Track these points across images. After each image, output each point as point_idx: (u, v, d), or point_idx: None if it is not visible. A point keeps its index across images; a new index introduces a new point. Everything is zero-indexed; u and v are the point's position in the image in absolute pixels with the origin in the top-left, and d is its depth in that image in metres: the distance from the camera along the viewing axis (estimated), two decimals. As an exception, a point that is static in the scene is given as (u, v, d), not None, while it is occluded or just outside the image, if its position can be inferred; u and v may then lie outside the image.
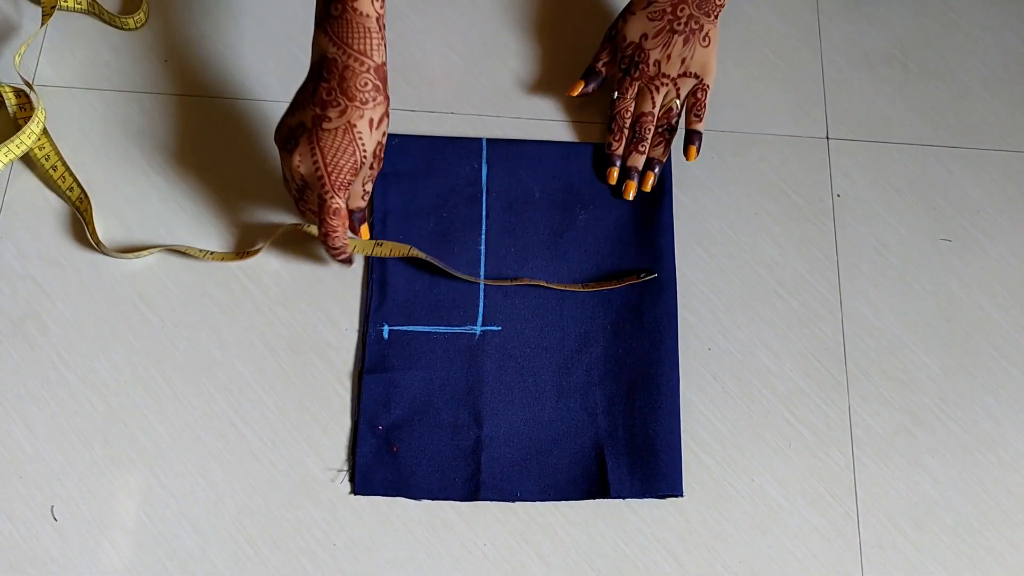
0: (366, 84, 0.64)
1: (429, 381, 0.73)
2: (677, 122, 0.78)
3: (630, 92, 0.78)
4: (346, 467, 0.71)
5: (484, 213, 0.78)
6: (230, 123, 0.80)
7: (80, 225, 0.76)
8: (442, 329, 0.74)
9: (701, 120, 0.77)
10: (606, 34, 0.81)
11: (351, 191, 0.69)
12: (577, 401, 0.73)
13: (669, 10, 0.76)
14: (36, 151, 0.77)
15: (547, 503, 0.70)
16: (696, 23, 0.76)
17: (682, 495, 0.70)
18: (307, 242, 0.77)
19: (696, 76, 0.77)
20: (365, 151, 0.65)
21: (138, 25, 0.82)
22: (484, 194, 0.78)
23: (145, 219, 0.77)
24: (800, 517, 0.70)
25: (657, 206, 0.78)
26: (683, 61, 0.77)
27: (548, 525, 0.70)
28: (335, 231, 0.67)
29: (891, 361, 0.75)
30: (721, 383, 0.74)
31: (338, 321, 0.74)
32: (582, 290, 0.75)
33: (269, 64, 0.82)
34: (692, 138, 0.78)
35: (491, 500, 0.70)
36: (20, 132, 0.75)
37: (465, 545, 0.69)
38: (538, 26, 0.85)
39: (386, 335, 0.74)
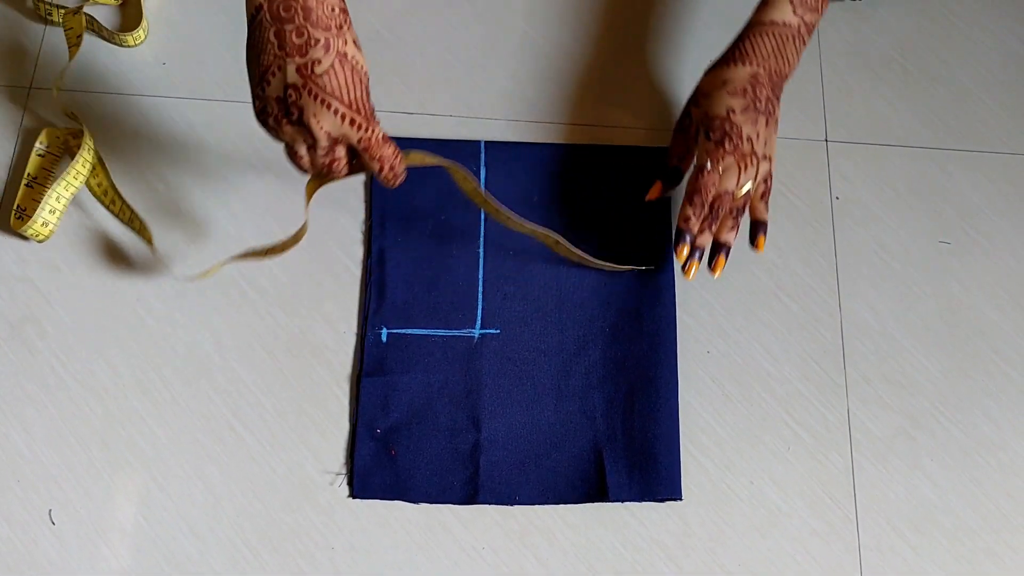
0: (333, 9, 0.58)
1: (427, 384, 0.73)
2: (752, 207, 0.72)
3: (721, 166, 0.69)
4: (344, 470, 0.71)
5: (483, 216, 0.77)
6: (230, 125, 0.80)
7: (78, 228, 0.76)
8: (441, 332, 0.74)
9: (767, 208, 0.72)
10: (676, 127, 0.75)
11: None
12: (576, 404, 0.73)
13: (749, 89, 0.70)
14: (94, 186, 0.76)
15: (546, 506, 0.70)
16: (772, 105, 0.71)
17: (681, 499, 0.70)
18: (307, 245, 0.77)
19: (769, 159, 0.71)
20: (365, 70, 0.60)
21: (137, 43, 0.82)
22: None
23: (144, 221, 0.77)
24: (799, 520, 0.70)
25: (656, 208, 0.78)
26: (766, 143, 0.70)
27: (547, 528, 0.70)
28: (392, 157, 0.62)
29: (890, 364, 0.75)
30: (720, 386, 0.74)
31: (336, 324, 0.74)
32: (587, 263, 0.74)
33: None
34: (760, 229, 0.72)
35: (489, 503, 0.70)
36: (74, 163, 0.74)
37: (463, 548, 0.69)
38: (537, 29, 0.85)
39: (384, 338, 0.74)
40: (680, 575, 0.69)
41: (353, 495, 0.70)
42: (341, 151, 0.62)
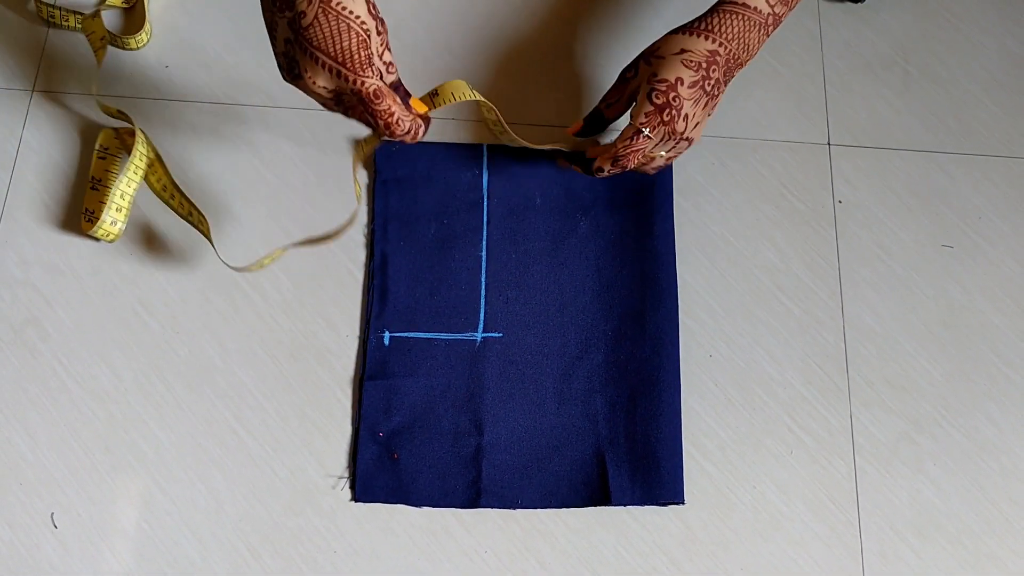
0: None
1: (430, 388, 0.73)
2: (645, 167, 0.73)
3: (655, 133, 0.69)
4: (347, 474, 0.70)
5: (485, 219, 0.77)
6: (231, 128, 0.80)
7: (79, 230, 0.76)
8: (443, 336, 0.74)
9: (648, 165, 0.72)
10: (620, 75, 0.73)
11: (374, 68, 0.61)
12: (578, 408, 0.73)
13: (704, 65, 0.68)
14: (153, 182, 0.76)
15: (548, 510, 0.70)
16: (718, 88, 0.70)
17: (683, 503, 0.70)
18: (309, 249, 0.77)
19: (690, 140, 0.71)
20: (360, 18, 0.58)
21: (140, 46, 0.82)
22: (485, 200, 0.78)
23: (147, 226, 0.77)
24: (802, 524, 0.70)
25: (658, 212, 0.78)
26: (697, 125, 0.70)
27: (549, 532, 0.70)
28: (391, 115, 0.60)
29: (893, 368, 0.75)
30: (722, 390, 0.74)
31: (339, 327, 0.74)
32: (516, 142, 0.74)
33: (270, 69, 0.82)
34: (623, 166, 0.70)
35: (492, 507, 0.70)
36: (131, 159, 0.75)
37: (466, 552, 0.69)
38: (537, 31, 0.85)
39: (387, 341, 0.74)
40: (683, 579, 0.69)
41: (355, 499, 0.70)
42: (353, 100, 0.61)
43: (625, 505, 0.70)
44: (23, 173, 0.78)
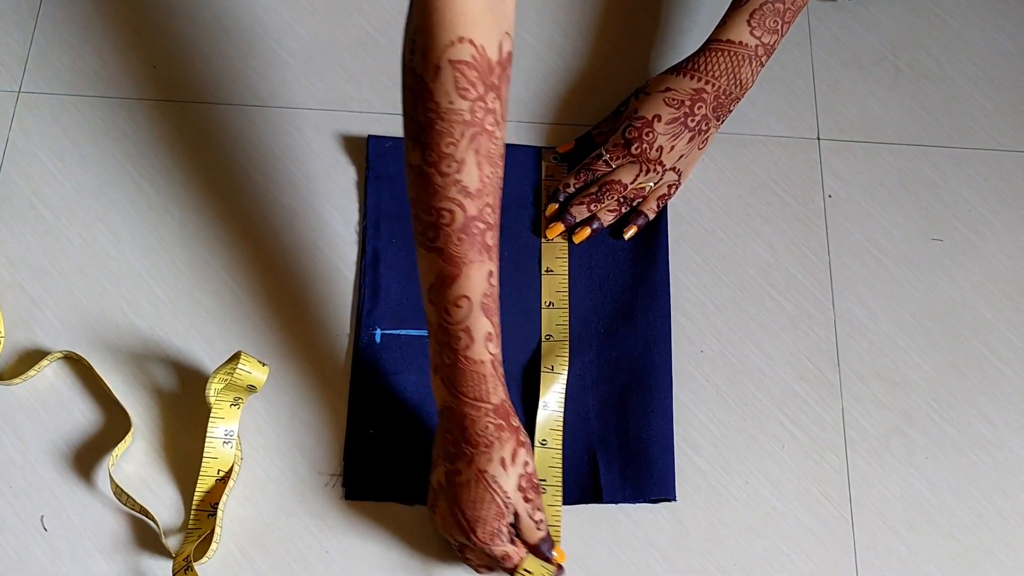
0: (487, 428, 0.61)
1: (421, 385, 0.72)
2: (639, 205, 0.76)
3: (618, 163, 0.74)
4: (338, 472, 0.70)
5: None
6: (219, 128, 0.80)
7: (73, 232, 0.76)
8: None
9: (656, 211, 0.76)
10: (615, 108, 0.79)
11: (522, 526, 0.63)
12: (569, 405, 0.72)
13: (688, 103, 0.73)
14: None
15: (541, 508, 0.70)
16: (706, 125, 0.74)
17: (675, 499, 0.70)
18: (298, 249, 0.77)
19: (679, 172, 0.75)
20: (507, 494, 0.61)
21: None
22: None
23: (136, 227, 0.77)
24: (794, 519, 0.70)
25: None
26: (681, 157, 0.74)
27: (542, 530, 0.69)
28: (513, 561, 0.63)
29: (884, 362, 0.75)
30: (714, 385, 0.74)
31: (328, 327, 0.74)
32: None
33: (257, 68, 0.82)
34: (637, 218, 0.76)
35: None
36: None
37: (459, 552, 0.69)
38: (530, 29, 0.85)
39: (378, 339, 0.74)
40: (676, 575, 0.68)
41: (347, 497, 0.70)
42: (478, 551, 0.63)
43: (617, 502, 0.70)
44: (9, 175, 0.78)
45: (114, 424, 0.71)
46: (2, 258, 0.75)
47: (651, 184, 0.74)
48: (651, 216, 0.76)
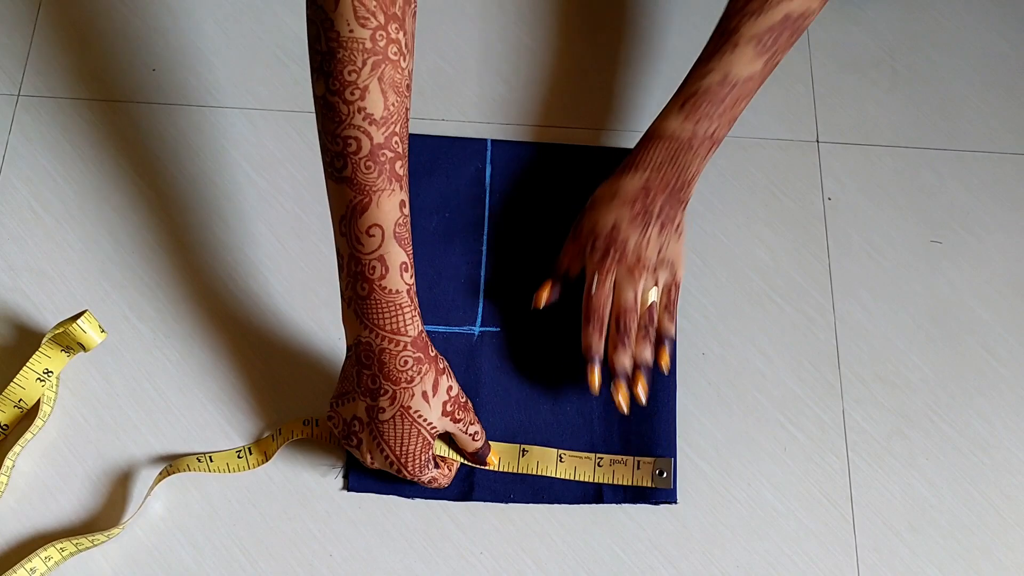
0: (406, 362, 0.61)
1: None
2: (657, 319, 0.70)
3: (608, 281, 0.69)
4: (340, 464, 0.70)
5: (487, 214, 0.78)
6: (221, 131, 0.80)
7: (73, 236, 0.76)
8: (441, 329, 0.74)
9: (674, 322, 0.71)
10: (571, 231, 0.73)
11: (460, 443, 0.67)
12: (573, 405, 0.73)
13: (640, 199, 0.69)
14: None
15: (542, 510, 0.70)
16: (669, 212, 0.69)
17: (676, 502, 0.70)
18: (298, 251, 0.77)
19: (671, 268, 0.70)
20: (432, 425, 0.62)
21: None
22: (487, 195, 0.78)
23: (138, 231, 0.76)
24: (796, 521, 0.71)
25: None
26: (660, 251, 0.69)
27: (544, 532, 0.70)
28: (440, 483, 0.67)
29: (884, 364, 0.75)
30: (715, 389, 0.74)
31: (333, 324, 0.74)
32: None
33: (258, 71, 0.82)
34: (663, 343, 0.70)
35: (484, 501, 0.70)
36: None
37: (461, 553, 0.69)
38: (529, 31, 0.85)
39: None
40: (678, 577, 0.69)
41: (348, 488, 0.70)
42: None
43: (618, 503, 0.70)
44: (9, 179, 0.77)
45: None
46: (2, 262, 0.75)
47: (652, 295, 0.70)
48: (674, 334, 0.71)
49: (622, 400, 0.67)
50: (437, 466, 0.66)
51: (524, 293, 0.75)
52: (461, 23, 0.85)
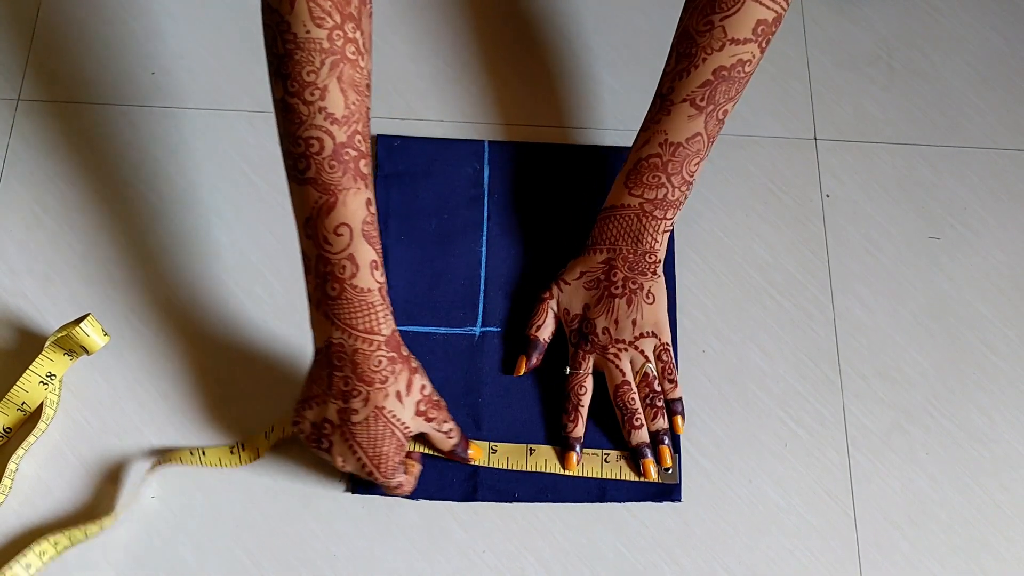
0: (380, 363, 0.60)
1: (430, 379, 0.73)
2: (660, 389, 0.71)
3: (584, 365, 0.71)
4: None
5: (486, 215, 0.78)
6: (222, 134, 0.80)
7: (75, 239, 0.76)
8: (442, 330, 0.74)
9: (676, 384, 0.71)
10: (538, 298, 0.74)
11: (434, 442, 0.67)
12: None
13: (603, 277, 0.70)
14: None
15: (545, 508, 0.70)
16: (634, 283, 0.70)
17: (680, 500, 0.70)
18: (298, 255, 0.77)
19: (652, 334, 0.70)
20: (406, 425, 0.62)
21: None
22: (486, 196, 0.78)
23: (139, 234, 0.77)
24: (798, 517, 0.71)
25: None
26: (634, 323, 0.70)
27: (547, 531, 0.70)
28: (405, 489, 0.66)
29: (884, 359, 0.76)
30: (716, 386, 0.74)
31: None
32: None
33: (259, 74, 0.82)
34: (675, 407, 0.71)
35: (489, 500, 0.70)
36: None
37: (464, 552, 0.69)
38: (527, 31, 0.85)
39: None
40: (681, 574, 0.69)
41: (352, 489, 0.70)
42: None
43: (621, 502, 0.70)
44: (10, 183, 0.78)
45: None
46: (4, 265, 0.75)
47: (648, 365, 0.70)
48: (680, 394, 0.71)
49: (653, 472, 0.70)
50: (406, 472, 0.66)
51: (524, 293, 0.76)
52: (459, 25, 0.85)
